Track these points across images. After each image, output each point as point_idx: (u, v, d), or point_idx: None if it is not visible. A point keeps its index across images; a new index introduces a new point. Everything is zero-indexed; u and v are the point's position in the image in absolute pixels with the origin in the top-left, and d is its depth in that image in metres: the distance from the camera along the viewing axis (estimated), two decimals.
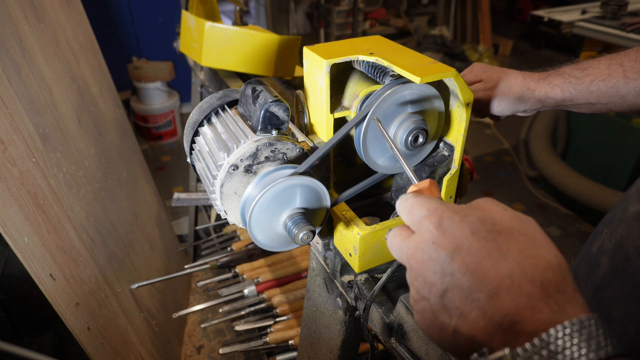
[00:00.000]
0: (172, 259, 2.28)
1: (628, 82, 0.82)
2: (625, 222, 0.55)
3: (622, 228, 0.55)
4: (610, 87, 0.84)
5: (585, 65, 0.87)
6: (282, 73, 1.47)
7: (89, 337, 1.10)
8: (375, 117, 0.68)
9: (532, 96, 0.89)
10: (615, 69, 0.83)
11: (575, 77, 0.86)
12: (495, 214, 0.42)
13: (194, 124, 0.81)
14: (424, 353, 0.72)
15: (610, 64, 0.84)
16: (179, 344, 2.13)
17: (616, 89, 0.83)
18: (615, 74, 0.83)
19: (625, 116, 3.01)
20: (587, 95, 0.86)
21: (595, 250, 0.59)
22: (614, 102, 0.85)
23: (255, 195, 0.67)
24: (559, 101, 0.88)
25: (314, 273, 1.02)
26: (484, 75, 0.94)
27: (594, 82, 0.85)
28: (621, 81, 0.83)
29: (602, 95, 0.85)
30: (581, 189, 3.22)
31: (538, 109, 0.92)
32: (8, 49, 1.12)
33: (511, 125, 4.54)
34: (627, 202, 0.57)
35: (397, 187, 0.87)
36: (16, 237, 0.91)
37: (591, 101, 0.87)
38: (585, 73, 0.86)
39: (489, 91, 0.92)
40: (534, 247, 0.40)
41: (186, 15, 1.46)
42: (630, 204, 0.56)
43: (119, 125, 1.98)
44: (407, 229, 0.45)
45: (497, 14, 7.39)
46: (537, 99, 0.89)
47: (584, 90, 0.86)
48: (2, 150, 0.95)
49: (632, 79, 0.82)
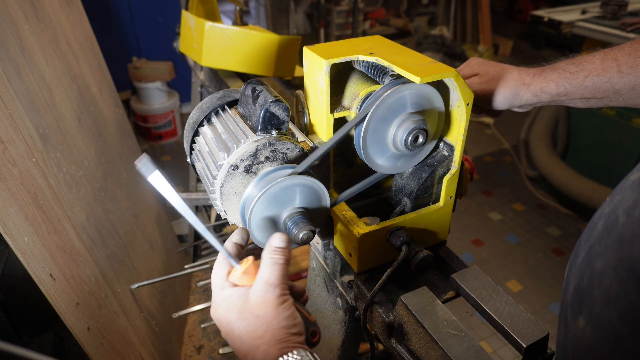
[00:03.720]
0: (172, 259, 2.28)
1: (622, 77, 0.83)
2: (623, 189, 0.58)
3: (620, 195, 0.58)
4: (604, 81, 0.84)
5: (580, 60, 0.88)
6: (282, 73, 1.47)
7: (89, 337, 1.10)
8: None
9: (527, 91, 0.90)
10: (609, 64, 0.84)
11: (570, 72, 0.87)
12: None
13: (194, 124, 0.81)
14: (424, 353, 0.72)
15: (604, 58, 0.85)
16: (179, 344, 2.13)
17: (611, 84, 0.84)
18: (609, 68, 0.84)
19: (625, 116, 3.01)
20: (582, 90, 0.86)
21: (597, 216, 0.62)
22: (609, 97, 0.86)
23: (255, 195, 0.67)
24: (554, 96, 0.89)
25: (314, 273, 1.02)
26: (480, 70, 0.94)
27: (588, 76, 0.85)
28: (615, 76, 0.83)
29: (597, 90, 0.85)
30: (581, 189, 3.22)
31: (534, 103, 0.92)
32: (8, 49, 1.12)
33: (511, 125, 4.54)
34: (631, 173, 0.59)
35: (397, 187, 0.87)
36: (16, 237, 0.91)
37: (586, 96, 0.87)
38: (579, 68, 0.86)
39: (485, 84, 0.92)
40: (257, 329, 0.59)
41: (186, 15, 1.46)
42: (633, 173, 0.58)
43: (119, 125, 1.98)
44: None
45: (497, 14, 7.38)
46: (532, 94, 0.90)
47: (578, 85, 0.86)
48: (2, 150, 0.95)
49: (627, 73, 0.82)
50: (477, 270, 0.82)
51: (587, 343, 0.57)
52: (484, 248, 3.17)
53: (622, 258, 0.52)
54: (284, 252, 0.62)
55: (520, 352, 0.69)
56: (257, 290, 0.59)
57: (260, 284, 0.60)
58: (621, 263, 0.52)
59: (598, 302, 0.55)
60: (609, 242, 0.55)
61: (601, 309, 0.54)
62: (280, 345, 0.57)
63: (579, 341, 0.59)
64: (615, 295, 0.52)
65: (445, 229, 0.89)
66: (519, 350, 0.69)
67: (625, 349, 0.51)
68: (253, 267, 0.62)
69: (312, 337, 0.67)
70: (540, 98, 0.90)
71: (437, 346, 0.68)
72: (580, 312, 0.58)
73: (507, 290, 2.83)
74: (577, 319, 0.59)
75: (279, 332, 0.57)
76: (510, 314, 0.73)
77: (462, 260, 0.88)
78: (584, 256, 0.60)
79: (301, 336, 0.60)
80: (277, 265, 0.61)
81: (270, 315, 0.58)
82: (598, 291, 0.55)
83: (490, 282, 0.79)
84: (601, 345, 0.54)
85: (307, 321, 0.66)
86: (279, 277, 0.60)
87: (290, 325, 0.58)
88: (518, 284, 2.88)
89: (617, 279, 0.52)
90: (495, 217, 3.44)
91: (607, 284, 0.54)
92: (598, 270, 0.56)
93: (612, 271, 0.53)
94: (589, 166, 3.32)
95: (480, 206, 3.56)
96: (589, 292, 0.57)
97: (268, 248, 0.63)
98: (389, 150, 0.78)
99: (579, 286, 0.60)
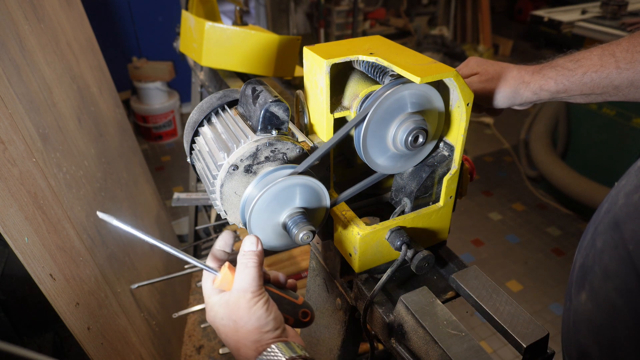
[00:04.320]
0: (172, 259, 2.28)
1: (621, 73, 0.83)
2: (629, 174, 0.60)
3: (626, 179, 0.60)
4: (603, 78, 0.85)
5: (578, 57, 0.88)
6: (282, 73, 1.47)
7: (89, 337, 1.10)
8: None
9: (527, 89, 0.90)
10: (607, 60, 0.84)
11: (569, 70, 0.88)
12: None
13: (194, 124, 0.81)
14: (423, 353, 0.72)
15: (602, 54, 0.85)
16: (179, 344, 2.13)
17: (609, 80, 0.84)
18: (607, 64, 0.84)
19: (625, 116, 3.01)
20: (581, 87, 0.87)
21: (604, 199, 0.65)
22: (609, 92, 0.86)
23: (255, 195, 0.67)
24: (553, 93, 0.90)
25: (314, 273, 1.02)
26: (479, 69, 0.95)
27: (586, 73, 0.86)
28: (614, 72, 0.84)
29: (595, 86, 0.86)
30: (581, 189, 3.22)
31: (534, 101, 0.93)
32: (8, 49, 1.12)
33: (511, 125, 4.54)
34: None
35: (397, 187, 0.87)
36: (16, 237, 0.91)
37: (585, 92, 0.88)
38: (578, 65, 0.87)
39: (484, 83, 0.92)
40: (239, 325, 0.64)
41: (186, 15, 1.46)
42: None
43: (119, 125, 1.98)
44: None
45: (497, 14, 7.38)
46: (532, 92, 0.90)
47: (577, 81, 0.87)
48: (2, 150, 0.95)
49: (625, 69, 0.82)
50: (477, 270, 0.82)
51: (586, 315, 0.60)
52: (484, 248, 3.17)
53: (618, 237, 0.55)
54: (254, 254, 0.66)
55: (520, 352, 0.69)
56: (232, 296, 0.65)
57: (233, 291, 0.65)
58: (618, 242, 0.55)
59: (598, 278, 0.58)
60: (607, 222, 0.58)
61: (600, 284, 0.58)
62: (256, 345, 0.62)
63: (580, 314, 0.61)
64: (613, 272, 0.55)
65: (445, 229, 0.89)
66: (519, 350, 0.69)
67: (620, 320, 0.54)
68: (229, 273, 0.66)
69: (303, 317, 0.72)
70: (540, 96, 0.91)
71: (437, 346, 0.68)
72: (583, 288, 0.61)
73: (507, 290, 2.83)
74: (580, 294, 0.62)
75: (253, 333, 0.63)
76: (510, 314, 0.73)
77: (462, 260, 0.88)
78: (590, 237, 0.63)
79: (277, 330, 0.64)
80: (247, 269, 0.65)
81: (244, 319, 0.63)
82: (598, 268, 0.58)
83: (490, 282, 0.79)
84: (599, 316, 0.57)
85: (295, 305, 0.71)
86: (250, 281, 0.64)
87: (263, 325, 0.63)
88: (518, 284, 2.88)
89: (616, 256, 0.55)
90: (495, 217, 3.44)
91: (606, 261, 0.57)
92: (599, 248, 0.59)
93: (612, 249, 0.56)
94: (589, 166, 3.32)
95: (480, 206, 3.57)
96: (591, 270, 0.60)
97: (240, 252, 0.67)
98: (389, 150, 0.78)
99: (584, 264, 0.62)
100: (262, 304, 0.64)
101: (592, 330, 0.59)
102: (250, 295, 0.63)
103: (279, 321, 0.65)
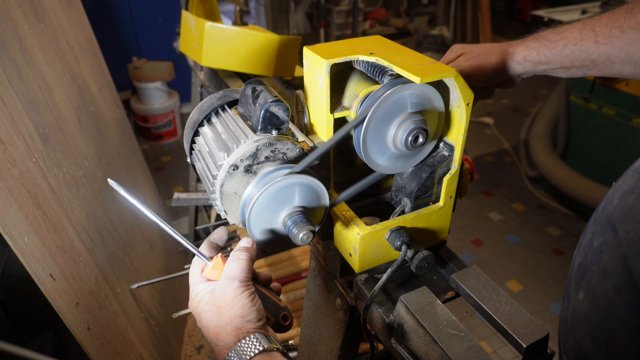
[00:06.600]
0: (172, 259, 2.28)
1: (599, 47, 0.85)
2: (626, 175, 0.61)
3: (622, 180, 0.61)
4: (582, 51, 0.87)
5: (561, 30, 0.91)
6: (282, 73, 1.47)
7: (89, 337, 1.10)
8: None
9: (512, 60, 0.94)
10: (587, 34, 0.87)
11: (550, 41, 0.90)
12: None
13: (194, 124, 0.81)
14: (423, 353, 0.72)
15: (583, 28, 0.88)
16: (179, 344, 2.13)
17: (587, 53, 0.87)
18: (587, 38, 0.86)
19: (626, 116, 3.02)
20: (562, 59, 0.90)
21: (602, 199, 0.67)
22: (587, 66, 0.89)
23: (255, 195, 0.67)
24: (536, 64, 0.92)
25: (314, 273, 1.02)
26: (464, 50, 0.98)
27: (567, 45, 0.88)
28: (592, 45, 0.86)
29: (575, 59, 0.88)
30: (581, 189, 3.22)
31: (520, 73, 0.95)
32: (8, 49, 1.12)
33: (511, 125, 4.55)
34: (638, 160, 0.63)
35: (397, 187, 0.87)
36: (16, 237, 0.91)
37: (566, 65, 0.90)
38: (559, 37, 0.90)
39: (471, 60, 0.95)
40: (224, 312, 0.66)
41: (186, 15, 1.46)
42: (638, 161, 0.61)
43: (119, 125, 1.98)
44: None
45: (497, 14, 7.38)
46: (516, 62, 0.94)
47: (558, 54, 0.89)
48: (2, 150, 0.95)
49: (603, 43, 0.85)
50: (477, 270, 0.82)
51: (584, 314, 0.61)
52: (484, 248, 3.17)
53: (615, 237, 0.56)
54: (247, 250, 0.69)
55: (520, 352, 0.69)
56: (220, 283, 0.67)
57: (222, 278, 0.67)
58: (615, 241, 0.56)
59: (596, 277, 0.59)
60: (604, 222, 0.60)
61: (598, 282, 0.58)
62: (236, 332, 0.63)
63: (577, 313, 0.62)
64: (611, 270, 0.56)
65: (445, 229, 0.89)
66: (519, 350, 0.69)
67: (617, 317, 0.55)
68: (221, 262, 0.68)
69: (283, 320, 0.74)
70: (525, 67, 0.94)
71: (437, 346, 0.68)
72: (581, 287, 0.62)
73: (507, 290, 2.83)
74: (578, 293, 0.62)
75: (236, 320, 0.64)
76: (510, 314, 0.73)
77: (462, 260, 0.88)
78: (590, 236, 0.64)
79: (259, 322, 0.66)
80: (239, 260, 0.67)
81: (229, 305, 0.64)
82: (596, 267, 0.59)
83: (490, 282, 0.79)
84: (596, 315, 0.58)
85: (277, 307, 0.74)
86: (240, 271, 0.66)
87: (247, 313, 0.64)
88: (518, 284, 2.88)
89: (614, 255, 0.56)
90: (495, 217, 3.44)
91: (604, 260, 0.58)
92: (596, 247, 0.60)
93: (609, 248, 0.57)
94: (589, 166, 3.32)
95: (480, 206, 3.57)
96: (589, 268, 0.61)
97: (235, 248, 0.70)
98: (389, 150, 0.78)
99: (582, 263, 0.63)
100: (248, 294, 0.65)
101: (589, 328, 0.60)
102: (238, 284, 0.65)
103: (261, 314, 0.67)
